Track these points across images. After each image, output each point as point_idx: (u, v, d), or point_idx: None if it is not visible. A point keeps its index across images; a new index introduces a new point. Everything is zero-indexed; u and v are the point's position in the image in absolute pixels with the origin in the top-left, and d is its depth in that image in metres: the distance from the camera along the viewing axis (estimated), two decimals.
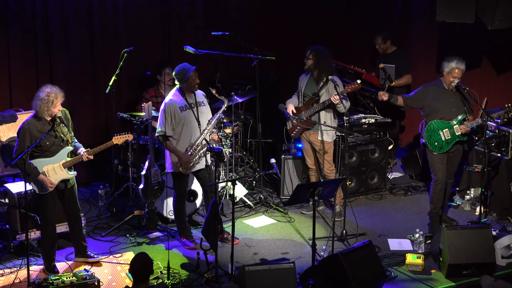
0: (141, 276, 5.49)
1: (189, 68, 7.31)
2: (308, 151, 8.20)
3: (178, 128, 7.30)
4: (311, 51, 7.96)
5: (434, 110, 7.65)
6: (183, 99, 7.33)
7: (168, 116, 7.26)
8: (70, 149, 6.85)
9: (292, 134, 8.20)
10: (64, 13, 8.75)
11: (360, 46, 10.14)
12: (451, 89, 7.63)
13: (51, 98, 6.61)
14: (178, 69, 7.35)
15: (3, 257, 7.23)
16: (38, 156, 6.69)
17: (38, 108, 6.62)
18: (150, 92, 8.78)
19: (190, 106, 7.34)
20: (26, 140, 6.59)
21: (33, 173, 6.64)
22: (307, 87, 8.02)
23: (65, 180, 6.86)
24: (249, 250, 7.48)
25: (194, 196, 8.09)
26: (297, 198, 6.88)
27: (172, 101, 7.30)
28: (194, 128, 7.35)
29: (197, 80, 7.34)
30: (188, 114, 7.32)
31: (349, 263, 6.38)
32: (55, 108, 6.65)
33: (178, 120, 7.27)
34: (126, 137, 7.16)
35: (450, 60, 7.58)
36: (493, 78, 9.18)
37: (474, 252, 6.90)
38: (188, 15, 9.48)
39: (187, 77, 7.25)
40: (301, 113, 8.00)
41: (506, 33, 8.32)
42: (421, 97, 7.73)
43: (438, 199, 7.78)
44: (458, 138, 7.64)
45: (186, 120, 7.30)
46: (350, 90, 7.87)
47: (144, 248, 7.46)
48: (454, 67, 7.54)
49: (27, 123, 6.66)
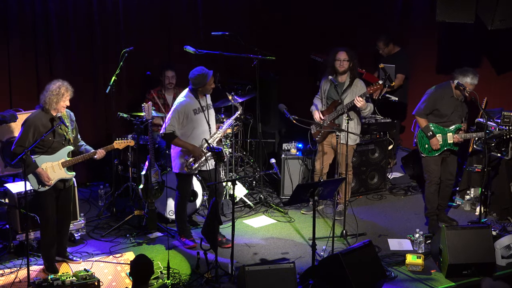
0: (141, 278, 5.48)
1: (208, 72, 7.23)
2: (324, 155, 8.14)
3: (187, 130, 7.24)
4: (346, 52, 7.80)
5: (439, 114, 7.63)
6: (196, 101, 7.26)
7: (181, 116, 7.19)
8: (70, 148, 6.85)
9: (316, 139, 8.15)
10: (64, 13, 8.75)
11: (360, 46, 10.13)
12: (459, 99, 7.60)
13: (62, 91, 6.64)
14: (196, 73, 7.23)
15: (3, 257, 7.23)
16: (39, 152, 6.69)
17: (48, 100, 6.62)
18: (152, 93, 8.78)
19: (202, 109, 7.28)
20: (30, 132, 6.60)
21: (31, 166, 6.64)
22: (330, 90, 7.95)
23: (64, 180, 6.86)
24: (249, 250, 7.48)
25: (194, 196, 8.09)
26: (297, 198, 6.88)
27: (187, 102, 7.22)
28: (205, 132, 7.30)
29: (213, 85, 7.32)
30: (200, 117, 7.27)
31: (349, 263, 6.38)
32: (64, 102, 6.67)
33: (189, 121, 7.21)
34: (128, 143, 7.19)
35: (465, 74, 7.47)
36: (493, 78, 9.18)
37: (474, 252, 6.90)
38: (188, 15, 9.49)
39: (208, 80, 7.20)
40: (325, 117, 7.97)
41: (506, 33, 8.31)
42: (433, 104, 7.62)
43: (433, 199, 7.79)
44: (449, 146, 7.64)
45: (198, 123, 7.25)
46: (372, 92, 7.79)
47: (144, 248, 7.46)
48: (469, 82, 7.46)
49: (34, 116, 6.68)
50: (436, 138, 7.60)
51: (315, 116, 8.02)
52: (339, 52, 7.84)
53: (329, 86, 7.95)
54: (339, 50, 7.85)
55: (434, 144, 7.61)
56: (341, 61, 7.82)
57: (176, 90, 8.91)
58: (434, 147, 7.62)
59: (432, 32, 9.82)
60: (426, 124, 7.64)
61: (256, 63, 8.32)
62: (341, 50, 7.84)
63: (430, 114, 7.66)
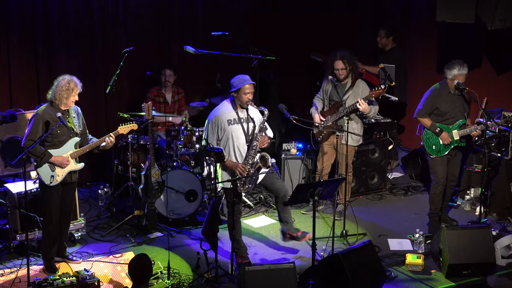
0: (141, 278, 5.47)
1: (246, 80, 6.88)
2: (325, 155, 8.13)
3: (223, 141, 6.95)
4: (342, 61, 7.79)
5: (440, 113, 7.62)
6: (233, 112, 6.94)
7: (215, 127, 6.90)
8: (77, 140, 6.85)
9: (318, 139, 8.14)
10: (64, 13, 8.75)
11: (360, 46, 10.13)
12: (457, 94, 7.61)
13: (72, 86, 6.68)
14: (236, 77, 6.95)
15: (3, 257, 7.22)
16: (47, 146, 6.70)
17: (58, 96, 6.65)
18: (152, 92, 8.79)
19: (240, 120, 6.96)
20: (39, 127, 6.62)
21: (46, 156, 6.65)
22: (332, 91, 7.93)
23: (72, 172, 6.86)
24: (249, 250, 7.47)
25: (194, 196, 8.09)
26: (297, 198, 6.88)
27: (221, 111, 6.91)
28: (241, 145, 6.95)
29: (249, 96, 6.87)
30: (235, 128, 6.93)
31: (349, 263, 6.38)
32: (73, 97, 6.70)
33: (223, 132, 6.92)
34: (131, 127, 7.15)
35: (451, 67, 7.51)
36: (493, 78, 9.18)
37: (474, 252, 6.90)
38: (188, 15, 9.49)
39: (239, 87, 6.84)
40: (326, 118, 7.97)
41: (506, 33, 8.32)
42: (432, 103, 7.63)
43: (438, 200, 7.78)
44: (456, 143, 7.63)
45: (233, 134, 6.91)
46: (375, 96, 7.76)
47: (144, 248, 7.46)
48: (457, 74, 7.48)
49: (41, 110, 6.70)
50: (445, 133, 7.59)
51: (315, 119, 8.02)
52: (336, 62, 7.83)
53: (331, 88, 7.95)
54: (336, 59, 7.83)
55: (444, 138, 7.58)
56: (340, 70, 7.83)
57: (175, 89, 8.92)
58: (445, 142, 7.58)
59: (432, 32, 9.83)
60: (431, 123, 7.63)
61: (256, 63, 8.31)
62: (337, 59, 7.81)
63: (431, 114, 7.66)
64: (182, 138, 8.25)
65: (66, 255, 7.13)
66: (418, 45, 10.01)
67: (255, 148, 6.90)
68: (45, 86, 6.82)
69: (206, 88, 9.41)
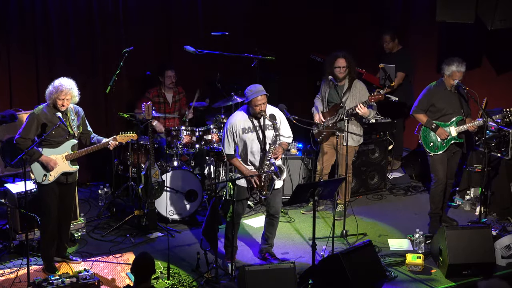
0: (143, 275, 5.48)
1: (258, 91, 6.75)
2: (325, 156, 8.12)
3: (239, 148, 6.94)
4: (345, 59, 7.77)
5: (436, 110, 7.64)
6: (248, 120, 6.88)
7: (230, 135, 6.88)
8: (74, 142, 6.85)
9: (318, 139, 8.14)
10: (64, 13, 8.75)
11: (360, 46, 10.13)
12: (453, 91, 7.62)
13: (59, 89, 6.63)
14: (248, 87, 6.85)
15: (3, 257, 7.22)
16: (45, 145, 6.70)
17: (49, 95, 6.67)
18: (152, 92, 8.78)
19: (255, 128, 6.88)
20: (33, 125, 6.64)
21: (35, 154, 6.65)
22: (330, 94, 7.93)
23: (67, 173, 6.85)
24: (249, 250, 7.48)
25: (194, 196, 8.09)
26: (297, 198, 6.88)
27: (236, 119, 6.88)
28: (256, 152, 6.91)
29: (261, 107, 6.75)
30: (250, 137, 6.88)
31: (349, 263, 6.38)
32: (61, 101, 6.64)
33: (239, 139, 6.90)
34: (131, 137, 7.13)
35: (450, 63, 7.52)
36: (493, 78, 9.18)
37: (474, 252, 6.90)
38: (188, 15, 9.49)
39: (250, 99, 6.74)
40: (326, 119, 7.96)
41: (506, 33, 8.32)
42: (428, 100, 7.65)
43: (439, 199, 7.78)
44: (454, 139, 7.63)
45: (248, 142, 6.88)
46: (374, 100, 7.73)
47: (144, 248, 7.45)
48: (455, 70, 7.49)
49: (38, 110, 6.71)
50: (442, 128, 7.59)
51: (316, 118, 8.01)
52: (338, 60, 7.81)
53: (330, 89, 7.94)
54: (338, 57, 7.81)
55: (441, 133, 7.59)
56: (341, 67, 7.81)
57: (176, 89, 8.91)
58: (442, 137, 7.59)
59: (432, 32, 9.83)
60: (427, 119, 7.64)
61: (256, 63, 8.32)
62: (339, 57, 7.80)
63: (427, 111, 7.67)
64: (182, 138, 8.25)
65: (66, 255, 7.13)
66: (418, 45, 10.00)
67: (270, 160, 6.87)
68: (45, 86, 6.79)
69: (206, 88, 9.41)
